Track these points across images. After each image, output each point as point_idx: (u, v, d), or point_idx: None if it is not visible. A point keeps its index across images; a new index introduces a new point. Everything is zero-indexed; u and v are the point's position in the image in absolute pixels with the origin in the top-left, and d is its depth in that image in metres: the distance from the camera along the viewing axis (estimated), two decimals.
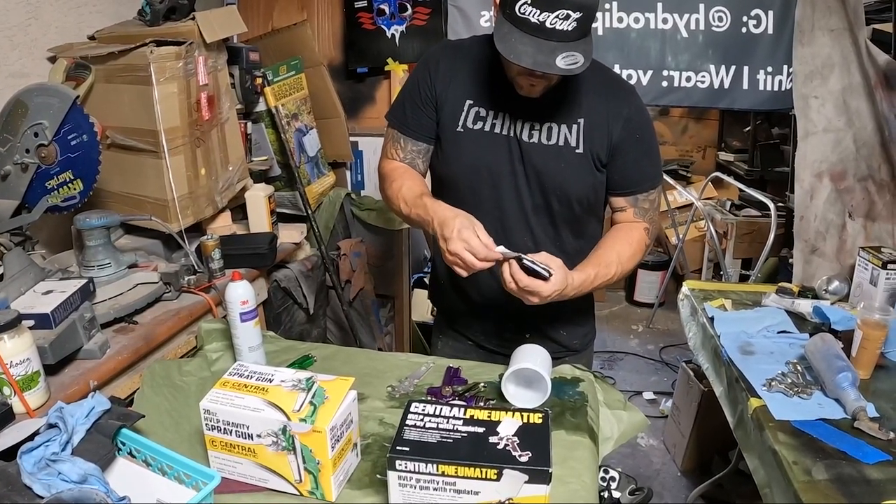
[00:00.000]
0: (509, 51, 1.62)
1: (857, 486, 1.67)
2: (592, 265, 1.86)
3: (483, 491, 1.31)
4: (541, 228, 2.01)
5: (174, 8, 2.62)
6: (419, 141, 2.05)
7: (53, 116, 2.11)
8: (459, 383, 1.93)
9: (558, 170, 1.91)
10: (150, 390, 1.85)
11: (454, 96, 1.96)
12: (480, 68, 1.95)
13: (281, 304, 3.09)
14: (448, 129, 1.98)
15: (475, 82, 1.96)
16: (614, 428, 1.88)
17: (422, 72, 2.02)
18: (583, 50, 1.62)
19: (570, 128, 1.90)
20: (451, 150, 2.00)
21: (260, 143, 3.44)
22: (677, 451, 3.87)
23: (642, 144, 1.95)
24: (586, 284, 1.82)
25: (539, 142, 1.90)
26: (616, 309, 6.18)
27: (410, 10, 3.73)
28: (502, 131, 1.92)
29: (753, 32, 3.50)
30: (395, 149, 2.08)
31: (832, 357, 2.09)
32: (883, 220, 2.86)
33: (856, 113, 2.91)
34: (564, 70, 1.61)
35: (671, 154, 6.94)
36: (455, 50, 2.03)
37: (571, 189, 1.94)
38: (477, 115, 1.95)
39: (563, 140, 1.90)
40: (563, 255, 1.92)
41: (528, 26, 1.59)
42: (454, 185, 2.04)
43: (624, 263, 1.92)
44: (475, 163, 1.96)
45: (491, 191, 1.98)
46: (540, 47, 1.60)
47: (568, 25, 1.58)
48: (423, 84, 2.00)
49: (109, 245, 2.28)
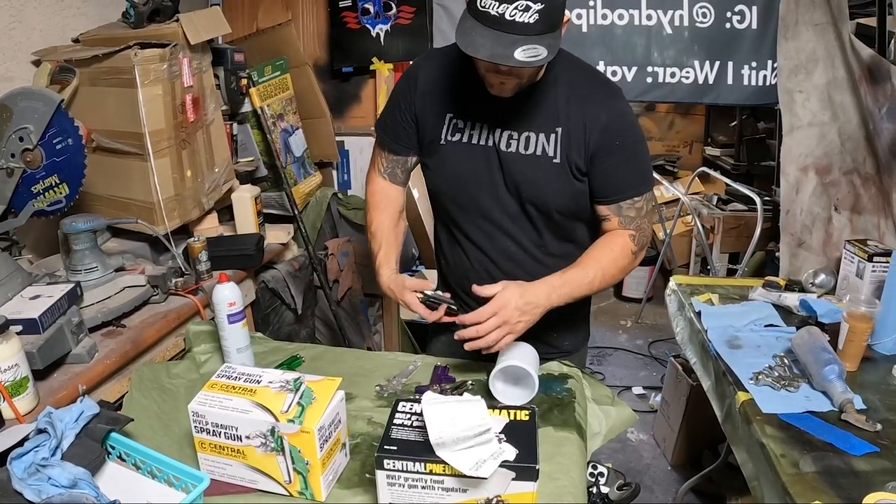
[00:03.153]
0: (468, 44, 1.59)
1: (844, 477, 1.68)
2: (559, 272, 1.84)
3: (471, 489, 1.32)
4: (524, 234, 2.01)
5: (158, 10, 2.61)
6: (398, 153, 2.09)
7: (38, 120, 2.10)
8: (447, 381, 1.94)
9: (535, 179, 1.90)
10: (138, 394, 1.85)
11: (435, 110, 1.97)
12: (460, 78, 1.94)
13: (269, 305, 3.09)
14: (431, 143, 1.99)
15: (455, 93, 1.95)
16: (602, 423, 1.88)
17: (403, 84, 2.04)
18: (547, 43, 1.58)
19: (547, 137, 1.87)
20: (435, 163, 2.02)
21: (246, 144, 3.43)
22: (667, 446, 3.88)
23: (623, 151, 1.88)
24: (556, 290, 1.80)
25: (517, 151, 1.89)
26: (604, 304, 6.19)
27: (395, 9, 3.73)
28: (480, 141, 1.92)
29: (737, 28, 3.51)
30: (379, 157, 2.15)
31: (819, 350, 2.10)
32: (868, 213, 2.88)
33: (840, 107, 2.92)
34: (523, 62, 1.56)
35: (658, 149, 6.97)
36: (435, 60, 2.02)
37: (549, 199, 1.92)
38: (456, 127, 1.95)
39: (540, 150, 1.88)
40: (550, 257, 1.96)
41: (489, 19, 1.56)
42: (441, 196, 2.07)
43: (605, 268, 1.87)
44: (456, 174, 1.97)
45: (473, 200, 1.98)
46: (499, 40, 1.56)
47: (529, 17, 1.54)
48: (404, 98, 2.01)
49: (96, 249, 2.28)
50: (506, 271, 2.01)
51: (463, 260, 2.10)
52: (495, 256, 2.03)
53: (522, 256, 2.01)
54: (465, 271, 2.10)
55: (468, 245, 2.06)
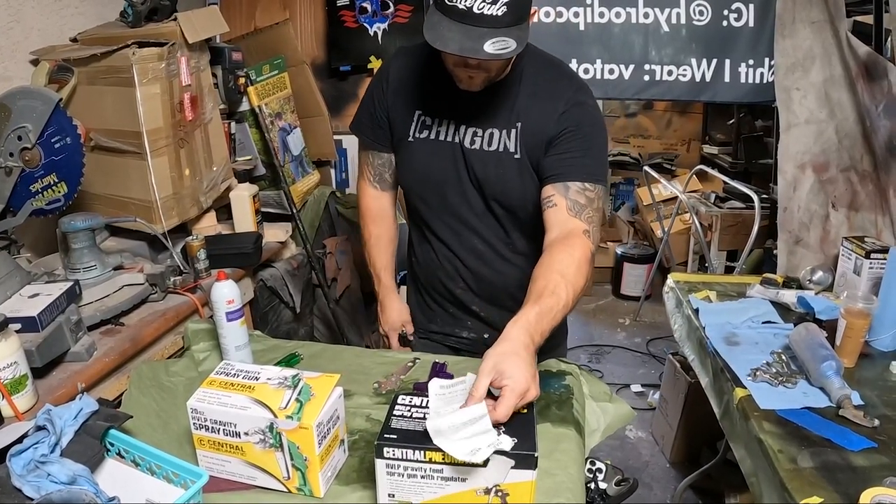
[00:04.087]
0: (436, 38, 1.58)
1: (842, 473, 1.68)
2: (531, 303, 1.59)
3: (470, 477, 1.32)
4: (491, 232, 2.02)
5: (156, 9, 2.62)
6: (382, 153, 2.10)
7: (37, 120, 2.10)
8: (445, 378, 1.94)
9: (498, 176, 1.90)
10: (137, 391, 1.85)
11: (404, 107, 1.98)
12: (428, 74, 1.94)
13: (267, 304, 3.09)
14: (401, 140, 2.01)
15: (423, 90, 1.96)
16: (601, 420, 1.88)
17: (376, 83, 2.05)
18: (516, 36, 1.57)
19: (508, 133, 1.88)
20: (404, 161, 2.04)
21: (244, 143, 3.43)
22: (666, 443, 3.89)
23: (577, 136, 1.83)
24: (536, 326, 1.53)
25: (481, 148, 1.90)
26: (603, 303, 6.19)
27: (392, 8, 3.74)
28: (447, 138, 1.93)
29: (734, 25, 3.52)
30: (365, 163, 2.16)
31: (816, 346, 2.10)
32: (866, 210, 2.88)
33: (837, 104, 2.93)
34: (493, 55, 1.56)
35: (655, 147, 6.98)
36: (406, 57, 2.03)
37: (512, 195, 1.93)
38: (423, 124, 1.95)
39: (502, 146, 1.88)
40: (518, 255, 1.96)
41: (456, 13, 1.55)
42: (410, 193, 2.09)
43: (573, 283, 1.66)
44: (424, 171, 1.98)
45: (440, 198, 2.00)
46: (468, 33, 1.55)
47: (497, 10, 1.53)
48: (378, 96, 2.02)
49: (95, 247, 2.28)
50: (473, 269, 2.03)
51: (432, 257, 2.13)
52: (462, 254, 2.05)
53: (490, 254, 2.03)
54: (434, 269, 2.13)
55: (437, 243, 2.08)
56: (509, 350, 1.44)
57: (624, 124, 7.04)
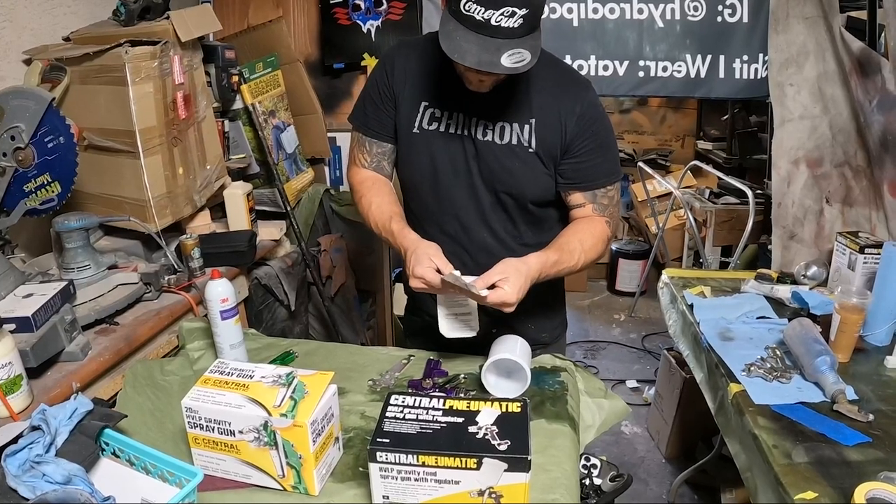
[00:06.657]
0: (453, 49, 1.59)
1: (836, 467, 1.69)
2: (554, 250, 1.83)
3: (464, 480, 1.32)
4: (500, 225, 2.01)
5: (149, 7, 2.61)
6: (383, 142, 2.06)
7: (30, 119, 2.10)
8: (440, 375, 1.95)
9: (511, 168, 1.91)
10: (132, 390, 1.85)
11: (410, 98, 1.97)
12: (434, 68, 1.94)
13: (262, 302, 3.09)
14: (404, 131, 1.99)
15: (430, 82, 1.95)
16: (595, 416, 1.89)
17: (379, 72, 2.03)
18: (530, 46, 1.58)
19: (521, 127, 1.89)
20: (408, 152, 2.01)
21: (237, 141, 3.43)
22: (661, 439, 3.90)
23: (597, 139, 1.91)
24: (547, 267, 1.78)
25: (493, 140, 1.90)
26: (598, 298, 6.20)
27: (386, 5, 3.73)
28: (457, 131, 1.92)
29: (728, 21, 3.51)
30: (360, 153, 2.11)
31: (811, 341, 2.11)
32: (860, 206, 2.89)
33: (831, 100, 2.93)
34: (510, 69, 1.57)
35: (650, 144, 6.97)
36: (409, 50, 2.02)
37: (525, 188, 1.94)
38: (432, 116, 1.95)
39: (515, 139, 1.89)
40: (525, 248, 1.93)
41: (473, 23, 1.56)
42: (413, 186, 2.07)
43: (587, 251, 1.88)
44: (431, 163, 1.97)
45: (448, 190, 1.98)
46: (485, 45, 1.56)
47: (514, 22, 1.54)
48: (382, 84, 2.00)
49: (89, 247, 2.28)
50: (481, 263, 1.98)
51: None
52: (471, 249, 2.04)
53: (499, 248, 2.01)
54: None
55: (442, 238, 2.00)
56: (524, 271, 1.70)
57: (618, 120, 7.03)
